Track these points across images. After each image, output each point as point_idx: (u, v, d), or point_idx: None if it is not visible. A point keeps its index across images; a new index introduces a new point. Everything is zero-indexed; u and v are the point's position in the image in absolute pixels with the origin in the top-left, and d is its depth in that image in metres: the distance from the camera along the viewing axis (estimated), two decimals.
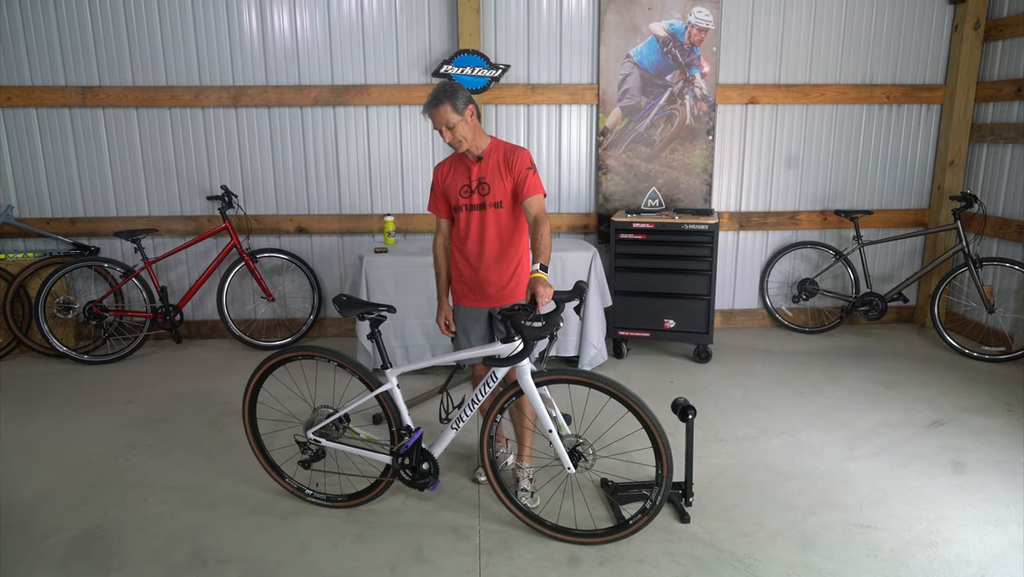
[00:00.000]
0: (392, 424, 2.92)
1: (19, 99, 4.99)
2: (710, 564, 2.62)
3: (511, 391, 2.71)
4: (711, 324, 4.72)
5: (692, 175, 5.31)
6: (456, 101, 2.75)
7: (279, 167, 5.25)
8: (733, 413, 3.96)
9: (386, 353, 2.88)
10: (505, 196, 2.88)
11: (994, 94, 5.04)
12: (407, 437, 2.88)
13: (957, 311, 5.37)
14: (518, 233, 2.96)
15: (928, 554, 2.67)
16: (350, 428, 3.03)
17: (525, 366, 2.63)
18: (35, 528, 2.89)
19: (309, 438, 2.99)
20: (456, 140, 2.79)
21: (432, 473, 2.91)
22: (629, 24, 5.08)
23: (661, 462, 2.63)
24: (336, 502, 3.05)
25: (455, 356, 2.89)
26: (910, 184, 5.49)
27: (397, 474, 2.92)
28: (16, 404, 4.20)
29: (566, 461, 2.70)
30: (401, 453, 2.89)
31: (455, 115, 2.75)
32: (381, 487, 3.00)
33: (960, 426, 3.76)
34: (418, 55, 5.11)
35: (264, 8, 4.99)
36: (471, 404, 2.78)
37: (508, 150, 2.89)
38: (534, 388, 2.64)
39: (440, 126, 2.76)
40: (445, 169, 2.99)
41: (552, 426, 2.69)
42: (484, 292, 2.98)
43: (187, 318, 5.44)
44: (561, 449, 2.70)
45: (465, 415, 2.81)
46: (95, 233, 5.25)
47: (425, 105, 2.78)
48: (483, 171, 2.88)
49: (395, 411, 2.90)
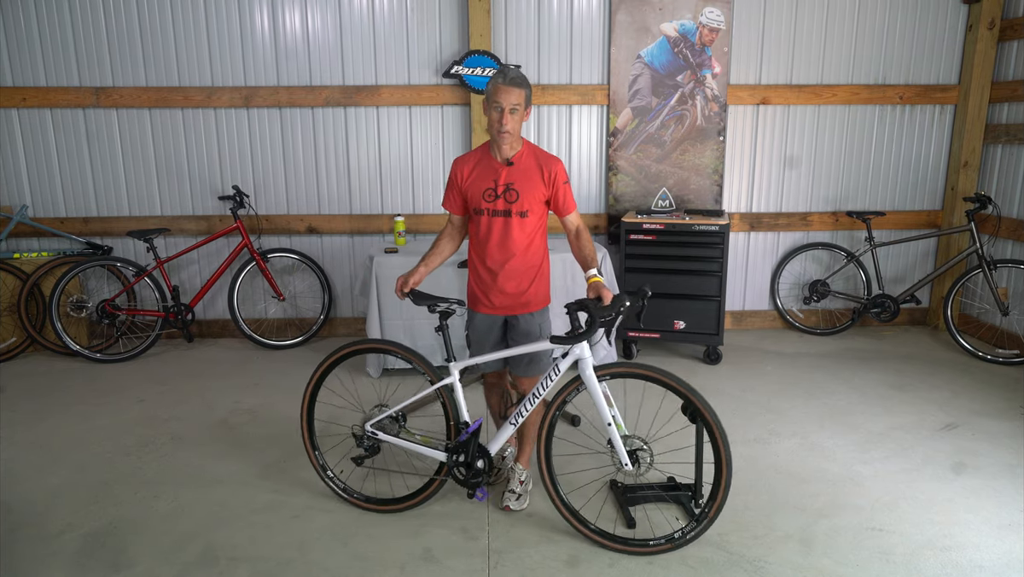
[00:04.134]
0: (449, 418, 2.90)
1: (34, 100, 5.04)
2: (721, 567, 2.61)
3: (573, 384, 2.69)
4: (721, 325, 4.70)
5: (703, 176, 5.29)
6: (530, 93, 2.75)
7: (290, 167, 5.27)
8: (743, 415, 3.94)
9: (451, 346, 2.85)
10: (533, 206, 2.79)
11: (1009, 94, 4.99)
12: (464, 430, 2.85)
13: (970, 313, 5.32)
14: (539, 241, 2.87)
15: (941, 558, 2.64)
16: (405, 428, 3.00)
17: (588, 360, 2.62)
18: (48, 525, 2.92)
19: (367, 431, 2.97)
20: (509, 126, 2.69)
21: (486, 472, 2.86)
22: (640, 24, 5.07)
23: (721, 468, 2.59)
24: (384, 504, 3.00)
25: (518, 350, 2.79)
26: (923, 185, 5.45)
27: (451, 472, 2.88)
28: (30, 402, 4.24)
29: (624, 457, 2.66)
30: (457, 446, 2.84)
31: (524, 104, 2.72)
32: (434, 486, 2.95)
33: (973, 429, 3.72)
34: (429, 56, 5.12)
35: (276, 9, 5.01)
36: (532, 398, 2.73)
37: (542, 158, 2.81)
38: (596, 380, 2.63)
39: (507, 105, 2.66)
40: (468, 167, 2.85)
41: (610, 419, 2.66)
42: (500, 299, 2.88)
43: (198, 317, 5.47)
44: (619, 442, 2.66)
45: (525, 409, 2.76)
46: (108, 233, 5.29)
47: (510, 77, 2.68)
48: (512, 177, 2.78)
49: (454, 405, 2.87)
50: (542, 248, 2.91)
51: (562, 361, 2.67)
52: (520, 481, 3.06)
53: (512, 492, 3.01)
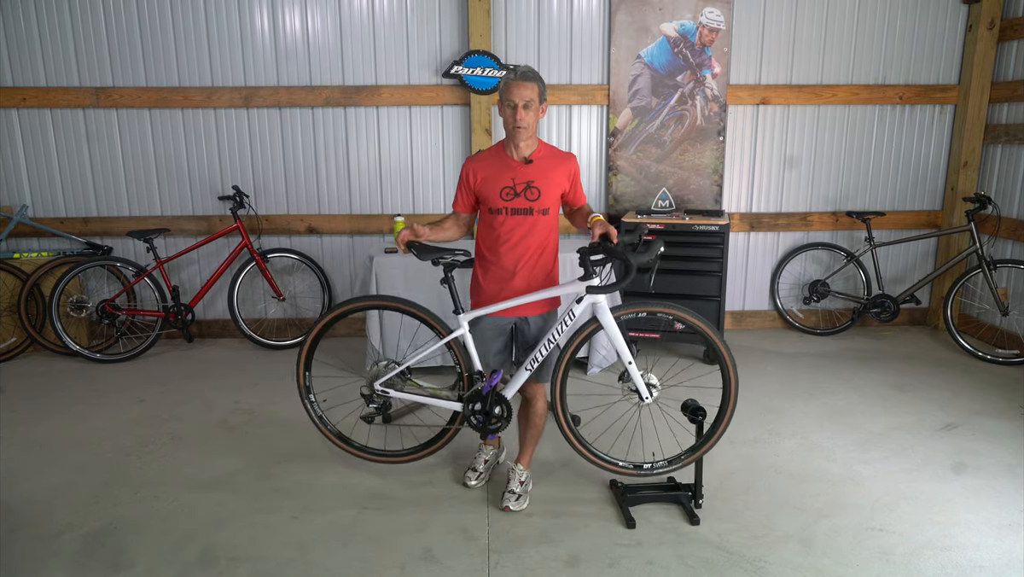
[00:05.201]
0: (463, 369, 2.96)
1: (34, 100, 5.04)
2: (720, 567, 2.61)
3: (590, 327, 2.80)
4: (721, 325, 4.70)
5: (703, 176, 5.29)
6: (544, 89, 2.76)
7: (290, 167, 5.27)
8: (743, 415, 3.94)
9: (458, 298, 2.92)
10: (553, 203, 2.83)
11: (1009, 94, 4.99)
12: (481, 381, 2.91)
13: (970, 313, 5.32)
14: (554, 239, 2.91)
15: (940, 558, 2.64)
16: (411, 380, 3.06)
17: (603, 303, 2.74)
18: (48, 525, 2.92)
19: (376, 390, 3.02)
20: (524, 122, 2.69)
21: (506, 417, 2.95)
22: (640, 24, 5.07)
23: (728, 393, 2.89)
24: (398, 456, 3.13)
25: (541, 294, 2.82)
26: (923, 185, 5.45)
27: (467, 420, 2.96)
28: (30, 402, 4.24)
29: (644, 391, 2.86)
30: (473, 395, 2.92)
31: (537, 99, 2.72)
32: (448, 436, 3.06)
33: (973, 429, 3.73)
34: (429, 56, 5.12)
35: (276, 9, 5.01)
36: (547, 343, 2.82)
37: (559, 156, 2.86)
38: (613, 322, 2.75)
39: (519, 100, 2.66)
40: (482, 165, 2.83)
41: (631, 357, 2.81)
42: (509, 297, 2.85)
43: (198, 317, 5.47)
44: (639, 379, 2.84)
45: (540, 354, 2.84)
46: (108, 233, 5.29)
47: (521, 72, 2.69)
48: (532, 174, 2.78)
49: (466, 357, 2.93)
50: (556, 246, 2.94)
51: (576, 306, 2.77)
52: (520, 481, 3.06)
53: (512, 492, 3.01)
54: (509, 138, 2.80)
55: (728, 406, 2.91)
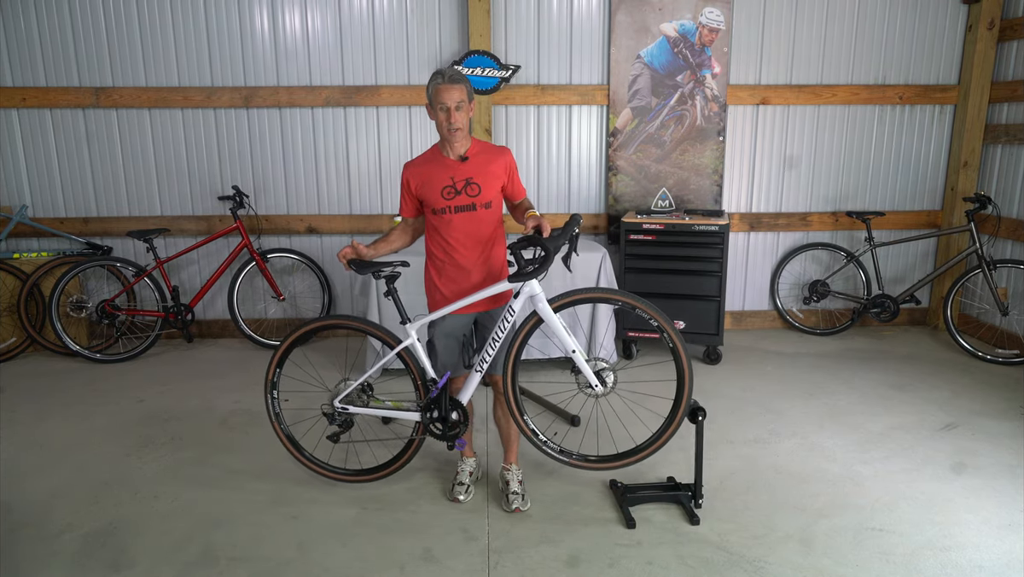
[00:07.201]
0: (416, 377, 2.98)
1: (34, 100, 5.04)
2: (720, 567, 2.61)
3: (531, 321, 2.81)
4: (721, 325, 4.70)
5: (702, 176, 5.29)
6: (471, 89, 2.85)
7: (290, 167, 5.27)
8: (743, 415, 3.94)
9: (403, 308, 2.93)
10: (495, 197, 2.88)
11: (1009, 94, 4.99)
12: (433, 388, 2.92)
13: (970, 313, 5.32)
14: (501, 233, 2.97)
15: (940, 559, 2.64)
16: (374, 397, 3.08)
17: (540, 295, 2.76)
18: (48, 525, 2.92)
19: (336, 408, 3.03)
20: (458, 123, 2.77)
21: (462, 422, 2.94)
22: (640, 24, 5.07)
23: (683, 384, 2.80)
24: (362, 475, 3.11)
25: (478, 296, 2.82)
26: (923, 185, 5.45)
27: (428, 429, 2.96)
28: (29, 402, 4.24)
29: (593, 379, 2.81)
30: (429, 403, 2.92)
31: (467, 99, 2.80)
32: (413, 448, 3.05)
33: (973, 429, 3.73)
34: (428, 56, 5.12)
35: (275, 9, 5.01)
36: (492, 343, 2.83)
37: (494, 151, 2.92)
38: (552, 312, 2.76)
39: (451, 103, 2.72)
40: (419, 170, 2.88)
41: (575, 346, 2.79)
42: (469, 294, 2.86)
43: (198, 317, 5.47)
44: (586, 368, 2.80)
45: (487, 355, 2.85)
46: (108, 233, 5.29)
47: (448, 76, 2.75)
48: (470, 171, 2.84)
49: (418, 365, 2.95)
50: (504, 239, 2.99)
51: (515, 301, 2.79)
52: (519, 481, 3.07)
53: (516, 493, 3.02)
54: (444, 140, 2.86)
55: (683, 396, 2.81)
